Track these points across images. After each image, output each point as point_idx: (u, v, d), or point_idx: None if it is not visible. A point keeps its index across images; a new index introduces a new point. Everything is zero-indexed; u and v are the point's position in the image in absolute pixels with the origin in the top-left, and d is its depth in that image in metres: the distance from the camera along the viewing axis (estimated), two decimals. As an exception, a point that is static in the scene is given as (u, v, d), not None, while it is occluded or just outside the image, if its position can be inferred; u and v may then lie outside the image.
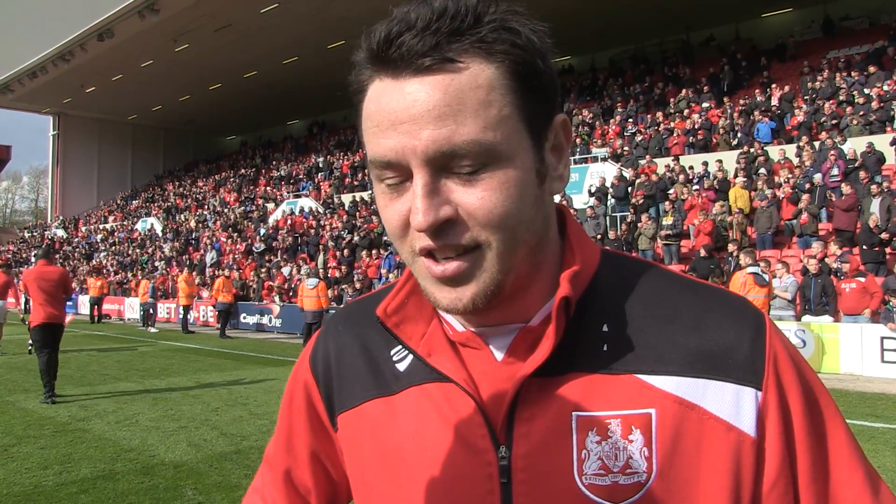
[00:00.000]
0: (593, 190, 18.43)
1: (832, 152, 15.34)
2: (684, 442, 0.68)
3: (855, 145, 15.80)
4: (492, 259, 0.65)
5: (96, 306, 23.91)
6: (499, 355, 0.73)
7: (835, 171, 14.86)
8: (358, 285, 18.18)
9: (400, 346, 0.78)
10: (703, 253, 13.49)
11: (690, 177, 17.66)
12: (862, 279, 11.23)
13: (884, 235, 12.59)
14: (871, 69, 19.15)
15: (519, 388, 0.69)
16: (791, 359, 0.71)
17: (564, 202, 18.36)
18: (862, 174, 14.42)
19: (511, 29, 0.64)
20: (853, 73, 19.39)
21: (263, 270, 22.95)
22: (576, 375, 0.70)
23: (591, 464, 0.68)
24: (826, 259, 12.23)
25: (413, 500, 0.73)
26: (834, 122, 17.50)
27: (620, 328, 0.71)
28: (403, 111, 0.62)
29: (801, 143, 16.70)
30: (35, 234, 46.88)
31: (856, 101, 18.03)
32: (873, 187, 13.57)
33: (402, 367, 0.78)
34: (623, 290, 0.74)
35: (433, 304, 0.69)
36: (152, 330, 20.33)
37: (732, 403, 0.68)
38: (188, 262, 25.90)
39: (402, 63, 0.63)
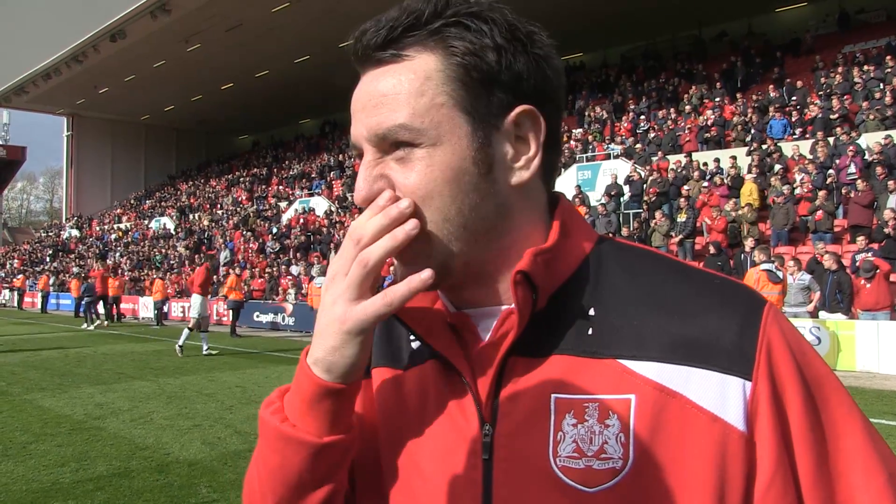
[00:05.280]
0: (608, 187, 18.33)
1: (851, 148, 15.16)
2: (665, 431, 0.65)
3: (871, 141, 15.62)
4: (425, 241, 0.69)
5: (114, 305, 24.16)
6: (485, 336, 0.75)
7: (852, 168, 14.70)
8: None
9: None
10: (711, 250, 13.39)
11: (705, 173, 17.54)
12: (880, 270, 11.13)
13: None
14: (889, 63, 18.82)
15: (501, 368, 0.70)
16: (790, 348, 0.67)
17: (579, 199, 18.35)
18: (879, 170, 14.27)
19: (462, 24, 0.68)
20: (870, 68, 19.14)
21: (276, 269, 23.04)
22: (559, 357, 0.70)
23: (565, 446, 0.67)
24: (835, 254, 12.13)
25: (410, 471, 0.76)
26: (842, 116, 17.28)
27: (607, 312, 0.70)
28: (358, 100, 0.72)
29: (817, 139, 16.54)
30: (50, 234, 47.34)
31: (873, 95, 17.77)
32: (890, 183, 13.44)
33: (414, 345, 0.81)
34: (615, 275, 0.73)
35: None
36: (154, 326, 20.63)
37: (717, 393, 0.65)
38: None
39: (364, 57, 0.71)
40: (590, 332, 0.70)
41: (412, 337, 0.81)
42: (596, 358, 0.69)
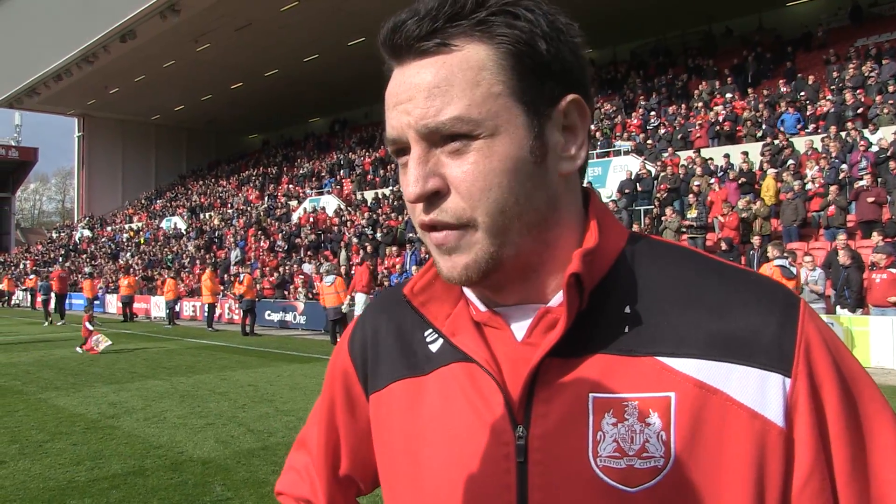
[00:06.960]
0: (622, 183, 18.23)
1: (862, 143, 15.02)
2: (705, 428, 0.65)
3: (885, 135, 15.46)
4: (481, 234, 0.68)
5: (127, 305, 24.31)
6: (519, 336, 0.74)
7: (863, 164, 14.57)
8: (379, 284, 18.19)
9: (432, 328, 0.80)
10: (723, 246, 13.31)
11: (713, 169, 17.43)
12: (894, 270, 11.03)
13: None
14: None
15: (537, 369, 0.69)
16: (827, 346, 0.67)
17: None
18: (892, 164, 14.13)
19: (510, 12, 0.68)
20: (883, 61, 18.93)
21: (287, 267, 23.11)
22: (596, 357, 0.69)
23: (606, 446, 0.67)
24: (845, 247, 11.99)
25: (434, 479, 0.75)
26: (858, 111, 17.11)
27: (643, 310, 0.70)
28: (403, 92, 0.69)
29: (828, 134, 16.39)
30: (62, 234, 47.67)
31: (887, 89, 17.57)
32: (903, 177, 13.31)
33: (434, 348, 0.79)
34: (649, 272, 0.72)
35: (439, 273, 0.73)
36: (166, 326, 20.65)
37: (757, 390, 0.65)
38: (212, 261, 26.17)
39: (405, 48, 0.69)
40: (626, 330, 0.70)
41: (429, 340, 0.80)
42: (634, 356, 0.69)
